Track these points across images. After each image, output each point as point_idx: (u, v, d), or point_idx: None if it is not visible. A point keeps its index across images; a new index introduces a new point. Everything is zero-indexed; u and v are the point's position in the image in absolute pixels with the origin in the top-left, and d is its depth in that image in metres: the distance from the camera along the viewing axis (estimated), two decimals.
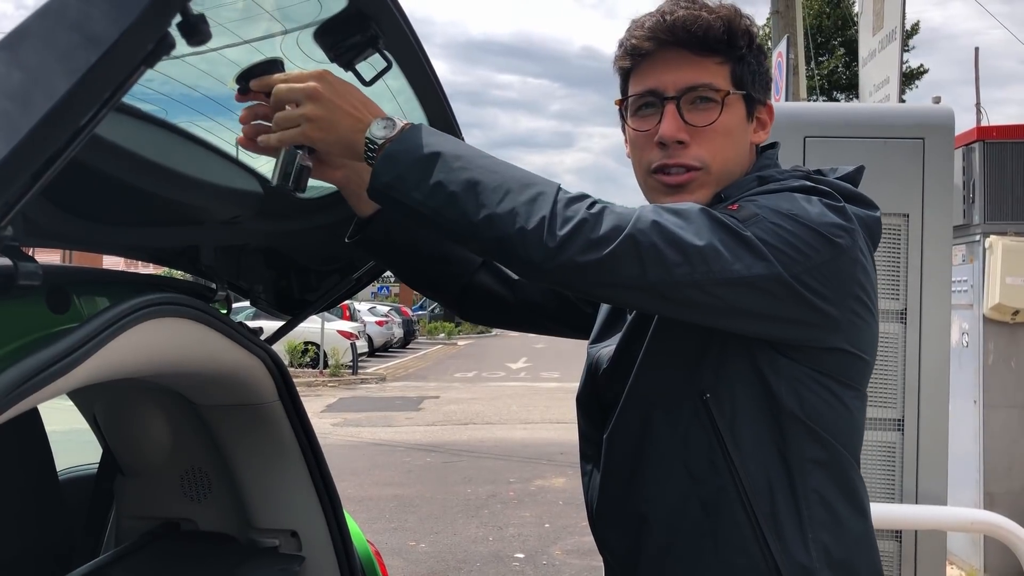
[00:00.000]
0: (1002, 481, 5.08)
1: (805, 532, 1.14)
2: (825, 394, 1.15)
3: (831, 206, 1.11)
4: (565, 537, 6.16)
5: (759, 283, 1.05)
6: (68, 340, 0.95)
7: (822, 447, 1.16)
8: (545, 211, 1.03)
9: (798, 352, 1.14)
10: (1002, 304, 4.98)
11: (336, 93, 1.15)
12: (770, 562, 1.13)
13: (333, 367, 18.10)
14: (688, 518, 1.17)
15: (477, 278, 1.49)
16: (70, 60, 0.63)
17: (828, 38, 24.63)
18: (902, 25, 7.12)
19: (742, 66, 1.22)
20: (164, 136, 1.27)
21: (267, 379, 1.55)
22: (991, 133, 5.28)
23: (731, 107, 1.21)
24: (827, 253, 1.08)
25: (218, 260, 1.54)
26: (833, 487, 1.16)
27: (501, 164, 1.10)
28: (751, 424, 1.14)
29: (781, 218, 1.07)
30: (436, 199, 1.06)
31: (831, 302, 1.10)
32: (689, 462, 1.17)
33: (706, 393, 1.15)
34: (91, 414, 1.74)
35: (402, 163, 1.09)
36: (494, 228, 1.04)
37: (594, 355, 1.35)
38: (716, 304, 1.06)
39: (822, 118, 2.97)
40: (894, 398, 2.87)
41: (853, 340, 1.16)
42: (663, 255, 1.02)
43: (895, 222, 2.90)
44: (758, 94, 1.24)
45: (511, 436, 10.71)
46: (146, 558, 1.61)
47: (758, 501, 1.13)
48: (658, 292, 1.04)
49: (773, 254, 1.05)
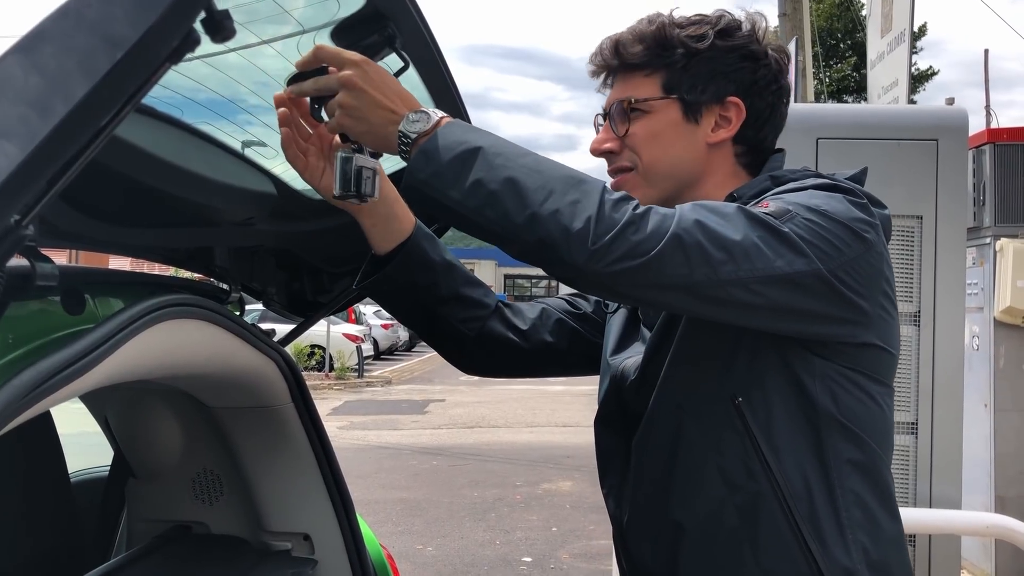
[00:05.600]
0: (1013, 485, 5.05)
1: (845, 534, 1.12)
2: (858, 392, 1.15)
3: (854, 202, 1.12)
4: (572, 541, 6.15)
5: (800, 279, 1.05)
6: (84, 342, 0.94)
7: (858, 447, 1.15)
8: (591, 211, 1.00)
9: (831, 350, 1.13)
10: (1013, 307, 4.95)
11: (371, 83, 1.12)
12: (813, 566, 1.11)
13: (339, 370, 18.11)
14: (725, 525, 1.15)
15: (491, 323, 1.43)
16: (90, 62, 0.62)
17: (838, 42, 24.60)
18: (911, 27, 7.10)
19: (675, 73, 1.25)
20: (180, 137, 1.26)
21: (280, 381, 1.54)
22: (1002, 135, 5.26)
23: (658, 112, 1.26)
24: (858, 248, 1.09)
25: (231, 261, 1.53)
26: (869, 488, 1.15)
27: (544, 162, 1.07)
28: (786, 426, 1.13)
29: (813, 214, 1.08)
30: (475, 198, 1.04)
31: (864, 297, 1.11)
32: (724, 467, 1.15)
33: (738, 396, 1.13)
34: (102, 416, 1.74)
35: (439, 160, 1.06)
36: (537, 229, 1.01)
37: (617, 366, 1.32)
38: (758, 302, 1.04)
39: (835, 120, 2.96)
40: (908, 401, 2.85)
41: (883, 335, 1.16)
42: (708, 253, 1.01)
43: (909, 224, 2.88)
44: (699, 96, 1.24)
45: (517, 439, 10.70)
46: (157, 561, 1.60)
47: (797, 504, 1.12)
48: (703, 291, 1.02)
49: (811, 250, 1.05)
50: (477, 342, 1.42)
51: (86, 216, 1.17)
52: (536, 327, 1.46)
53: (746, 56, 1.26)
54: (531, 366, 1.50)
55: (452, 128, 1.09)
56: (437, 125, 1.10)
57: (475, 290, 1.42)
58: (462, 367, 1.50)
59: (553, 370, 1.52)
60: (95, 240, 1.29)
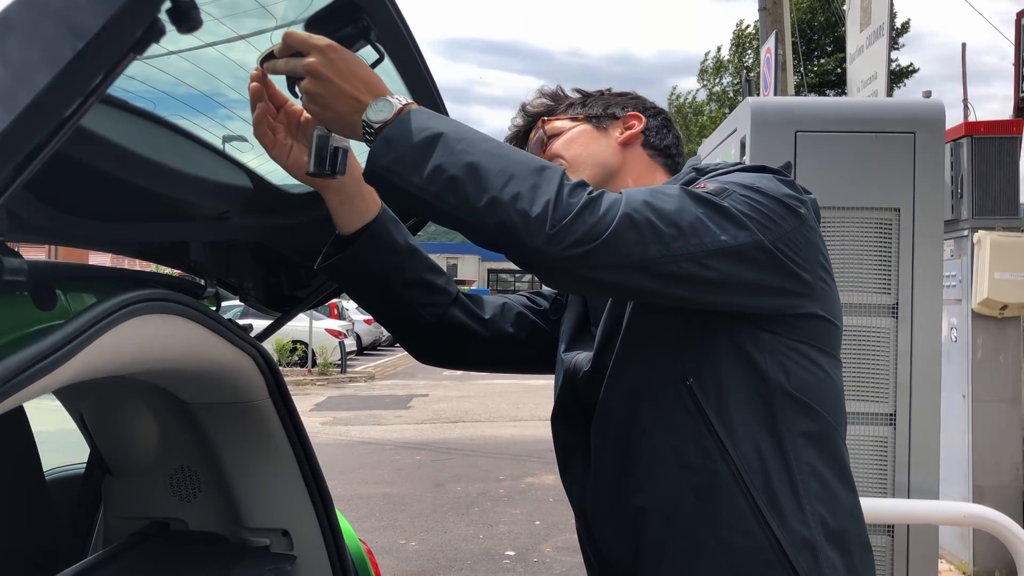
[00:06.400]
0: (991, 475, 5.11)
1: (803, 505, 1.15)
2: (808, 364, 1.18)
3: (783, 180, 1.18)
4: (555, 534, 6.16)
5: (746, 251, 1.09)
6: (54, 337, 0.93)
7: (811, 419, 1.17)
8: (550, 195, 1.02)
9: (778, 324, 1.16)
10: (990, 299, 5.00)
11: (336, 70, 1.13)
12: (772, 539, 1.13)
13: (321, 366, 18.04)
14: (685, 506, 1.17)
15: (452, 311, 1.44)
16: (52, 51, 0.61)
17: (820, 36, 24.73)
18: (890, 21, 7.15)
19: (575, 108, 1.47)
20: (153, 130, 1.25)
21: (257, 377, 1.53)
22: (979, 128, 5.30)
23: (570, 130, 1.45)
24: (793, 222, 1.14)
25: (207, 256, 1.51)
26: (824, 459, 1.18)
27: (505, 147, 1.09)
28: (738, 403, 1.15)
29: (748, 191, 1.13)
30: (437, 183, 1.05)
31: (804, 269, 1.15)
32: (679, 449, 1.17)
33: (689, 378, 1.16)
34: (78, 413, 1.72)
35: (401, 146, 1.07)
36: (497, 213, 1.02)
37: (570, 360, 1.35)
38: (711, 276, 1.07)
39: (813, 113, 2.97)
40: (886, 393, 2.87)
41: (826, 306, 1.20)
42: (660, 230, 1.05)
43: (886, 216, 2.90)
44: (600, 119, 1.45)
45: (501, 434, 10.70)
46: (135, 559, 1.59)
47: (753, 480, 1.14)
48: (658, 268, 1.05)
49: (752, 223, 1.10)
50: (437, 329, 1.43)
51: (56, 210, 1.16)
52: (497, 317, 1.48)
53: (633, 98, 1.48)
54: (490, 357, 1.51)
55: (415, 115, 1.10)
56: (400, 113, 1.11)
57: (438, 277, 1.43)
58: (421, 355, 1.50)
59: (511, 363, 1.53)
60: (66, 234, 1.27)
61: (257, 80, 1.23)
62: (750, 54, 25.09)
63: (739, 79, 24.88)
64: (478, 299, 1.50)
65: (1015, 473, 5.16)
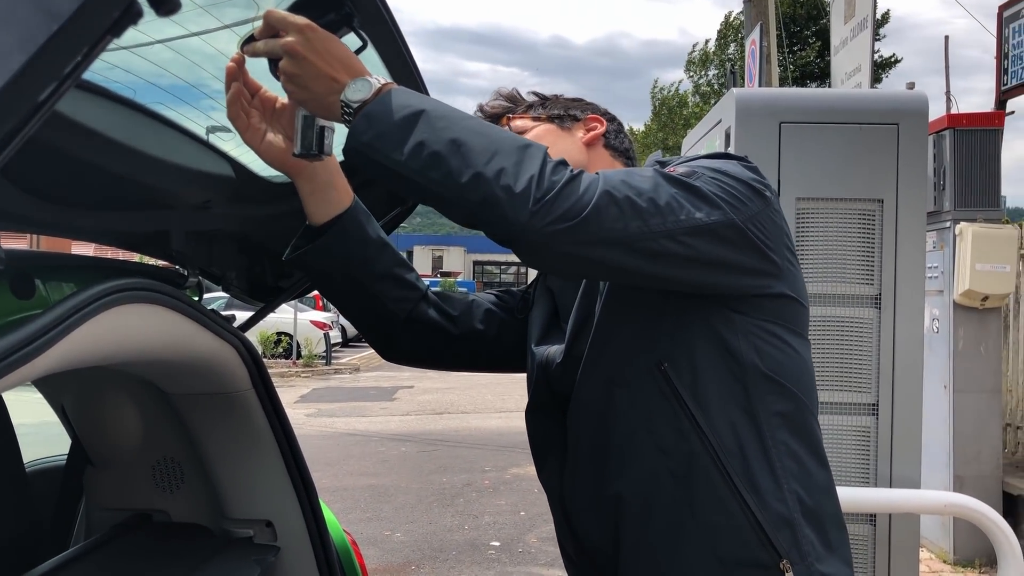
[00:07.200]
0: (971, 465, 5.16)
1: (780, 484, 1.16)
2: (780, 343, 1.20)
3: (746, 165, 1.21)
4: (540, 525, 6.17)
5: (719, 229, 1.11)
6: (32, 327, 0.92)
7: (785, 398, 1.19)
8: (534, 171, 1.03)
9: (749, 305, 1.18)
10: (972, 290, 5.04)
11: (313, 50, 1.12)
12: (750, 517, 1.14)
13: (306, 357, 17.99)
14: (663, 490, 1.18)
15: (421, 306, 1.43)
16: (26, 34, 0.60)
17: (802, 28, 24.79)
18: (873, 13, 7.17)
19: (535, 108, 1.48)
20: (134, 118, 1.23)
21: (240, 367, 1.51)
22: (961, 121, 5.33)
23: (535, 129, 1.45)
24: (759, 203, 1.16)
25: (189, 246, 1.50)
26: (798, 438, 1.19)
27: (487, 125, 1.10)
28: (714, 385, 1.16)
29: (716, 173, 1.15)
30: (418, 160, 1.05)
31: (772, 249, 1.17)
32: (656, 434, 1.18)
33: (664, 362, 1.17)
34: (59, 404, 1.70)
35: (383, 122, 1.07)
36: (481, 188, 1.03)
37: (542, 353, 1.35)
38: (689, 254, 1.09)
39: (797, 104, 2.98)
40: (869, 383, 2.89)
41: (794, 287, 1.22)
42: (638, 206, 1.06)
43: (869, 207, 2.91)
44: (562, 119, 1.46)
45: (486, 425, 10.72)
46: (117, 551, 1.58)
47: (730, 460, 1.15)
48: (637, 244, 1.06)
49: (723, 203, 1.12)
50: (406, 325, 1.43)
51: (36, 199, 1.15)
52: (466, 314, 1.47)
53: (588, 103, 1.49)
54: (458, 355, 1.49)
55: (396, 93, 1.10)
56: (379, 92, 1.10)
57: (408, 272, 1.42)
58: (387, 351, 1.49)
59: (480, 362, 1.52)
60: (46, 223, 1.26)
61: (235, 60, 1.22)
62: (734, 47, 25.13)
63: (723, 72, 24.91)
64: (447, 296, 1.50)
65: (995, 463, 5.21)
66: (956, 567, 5.04)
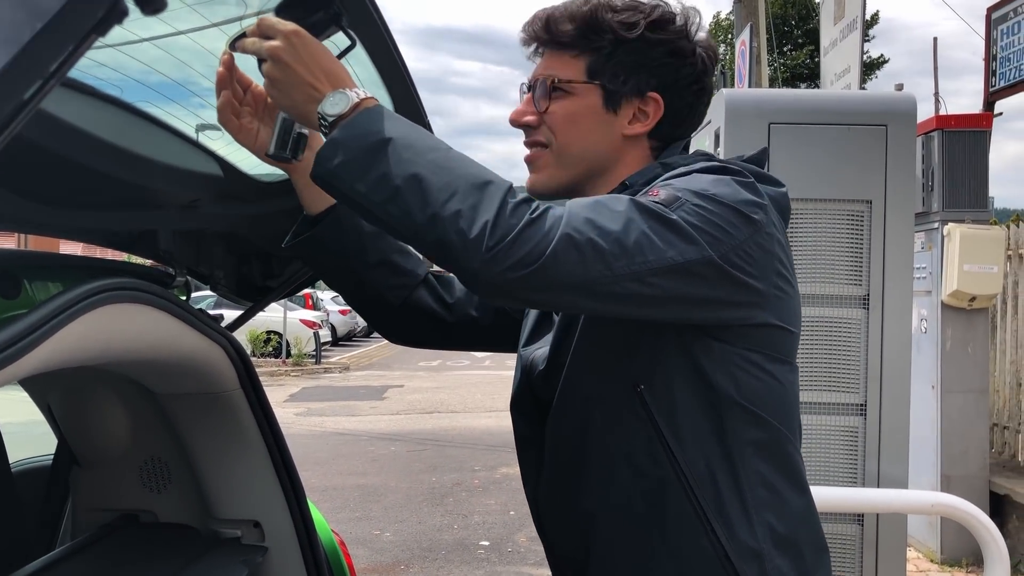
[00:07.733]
0: (958, 464, 5.18)
1: (750, 514, 1.14)
2: (759, 373, 1.16)
3: (741, 183, 1.12)
4: (529, 524, 6.15)
5: (692, 267, 1.05)
6: (18, 326, 0.92)
7: (761, 428, 1.16)
8: (489, 216, 0.98)
9: (730, 333, 1.14)
10: (960, 291, 5.06)
11: (297, 57, 1.10)
12: (718, 548, 1.13)
13: (296, 356, 17.95)
14: (634, 512, 1.16)
15: (418, 293, 1.43)
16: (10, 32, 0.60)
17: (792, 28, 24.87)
18: (863, 14, 7.20)
19: (600, 59, 1.24)
20: (121, 117, 1.23)
21: (228, 367, 1.51)
22: (950, 122, 5.36)
23: (579, 96, 1.25)
24: (746, 231, 1.09)
25: (177, 245, 1.50)
26: (773, 467, 1.17)
27: (455, 158, 1.04)
28: (688, 412, 1.14)
29: (701, 199, 1.07)
30: (380, 193, 1.01)
31: (756, 278, 1.11)
32: (630, 455, 1.16)
33: (640, 384, 1.14)
34: (45, 404, 1.69)
35: (348, 149, 1.03)
36: (436, 230, 0.99)
37: (527, 357, 1.34)
38: (654, 293, 1.04)
39: (786, 104, 2.99)
40: (857, 383, 2.90)
41: (780, 314, 1.17)
42: (601, 250, 1.00)
43: (858, 208, 2.92)
44: (620, 87, 1.24)
45: (476, 424, 10.71)
46: (104, 551, 1.57)
47: (701, 489, 1.13)
48: (599, 289, 1.01)
49: (701, 236, 1.05)
50: (402, 311, 1.43)
51: (22, 198, 1.14)
52: (462, 301, 1.47)
53: (673, 52, 1.25)
54: (454, 339, 1.51)
55: (367, 115, 1.06)
56: (356, 108, 1.08)
57: (405, 259, 1.42)
58: (387, 334, 1.51)
59: (477, 346, 1.53)
60: (33, 222, 1.25)
61: (225, 65, 1.22)
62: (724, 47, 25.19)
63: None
64: (446, 281, 1.49)
65: (982, 463, 5.24)
66: (943, 566, 5.06)
